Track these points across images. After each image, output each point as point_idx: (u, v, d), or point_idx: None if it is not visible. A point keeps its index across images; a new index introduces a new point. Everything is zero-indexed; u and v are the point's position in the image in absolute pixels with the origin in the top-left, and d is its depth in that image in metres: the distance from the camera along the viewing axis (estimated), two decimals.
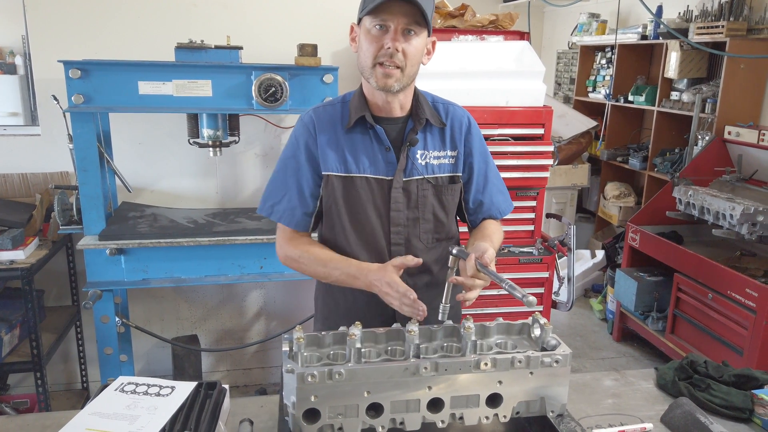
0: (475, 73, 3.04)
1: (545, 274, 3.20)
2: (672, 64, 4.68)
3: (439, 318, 1.50)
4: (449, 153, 1.66)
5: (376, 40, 1.49)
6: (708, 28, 4.26)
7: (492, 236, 1.64)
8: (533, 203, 3.24)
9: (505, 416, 1.32)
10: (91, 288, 2.62)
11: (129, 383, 1.45)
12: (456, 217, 1.76)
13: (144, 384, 1.44)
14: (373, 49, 1.49)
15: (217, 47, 2.72)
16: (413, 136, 1.60)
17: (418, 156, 1.61)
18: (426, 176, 1.62)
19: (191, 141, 2.88)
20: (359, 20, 1.55)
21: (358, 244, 1.62)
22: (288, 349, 1.27)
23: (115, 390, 1.42)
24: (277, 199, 1.65)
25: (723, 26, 4.10)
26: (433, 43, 1.62)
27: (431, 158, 1.63)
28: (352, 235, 1.63)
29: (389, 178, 1.60)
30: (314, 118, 1.63)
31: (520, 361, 1.28)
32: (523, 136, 3.11)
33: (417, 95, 1.64)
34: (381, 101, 1.60)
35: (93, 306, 2.59)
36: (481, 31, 3.34)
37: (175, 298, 3.45)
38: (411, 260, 1.50)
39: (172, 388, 1.43)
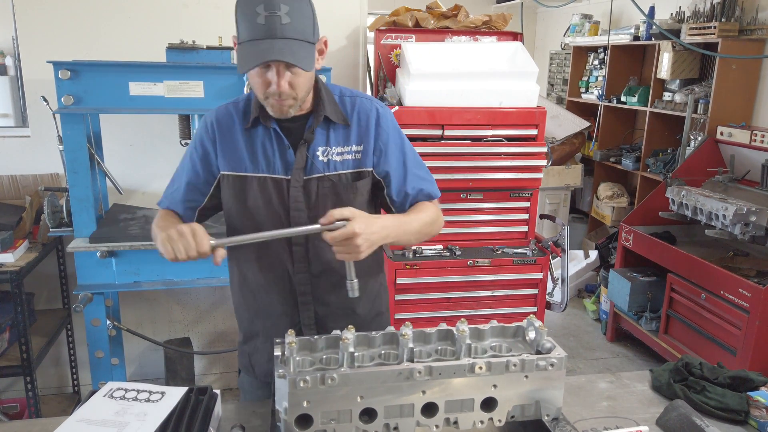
0: (468, 74, 3.03)
1: (539, 275, 3.19)
2: (664, 64, 4.69)
3: (350, 295, 1.45)
4: (354, 148, 1.58)
5: (260, 74, 1.41)
6: (700, 28, 4.27)
7: (409, 212, 1.59)
8: (527, 204, 3.23)
9: (500, 420, 1.31)
10: (82, 291, 2.60)
11: (118, 389, 1.42)
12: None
13: (133, 390, 1.42)
14: (260, 86, 1.43)
15: (208, 48, 2.70)
16: (309, 134, 1.54)
17: (319, 153, 1.55)
18: (326, 173, 1.55)
19: (183, 142, 2.86)
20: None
21: (256, 246, 1.57)
22: (280, 353, 1.25)
23: (104, 396, 1.40)
24: (169, 191, 1.66)
25: (715, 27, 4.11)
26: (325, 42, 1.53)
27: (334, 155, 1.56)
28: None
29: (287, 177, 1.54)
30: (214, 120, 1.58)
31: (515, 365, 1.27)
32: (517, 137, 3.11)
33: (320, 91, 1.55)
34: None
35: (84, 309, 2.56)
36: (474, 31, 3.34)
37: (167, 300, 3.42)
38: (220, 257, 1.42)
39: (162, 393, 1.41)
